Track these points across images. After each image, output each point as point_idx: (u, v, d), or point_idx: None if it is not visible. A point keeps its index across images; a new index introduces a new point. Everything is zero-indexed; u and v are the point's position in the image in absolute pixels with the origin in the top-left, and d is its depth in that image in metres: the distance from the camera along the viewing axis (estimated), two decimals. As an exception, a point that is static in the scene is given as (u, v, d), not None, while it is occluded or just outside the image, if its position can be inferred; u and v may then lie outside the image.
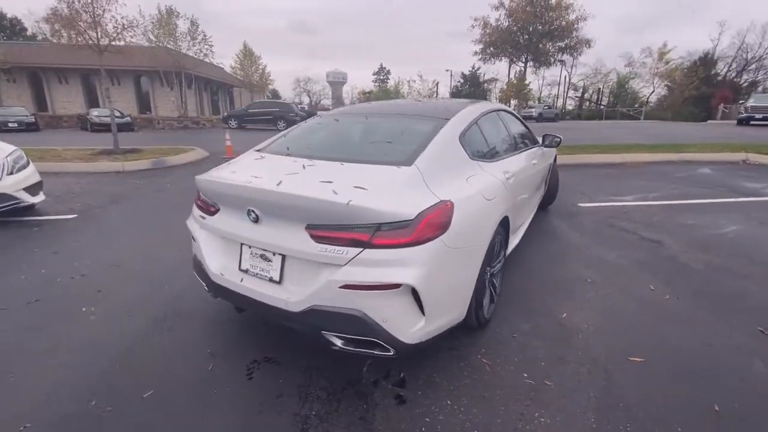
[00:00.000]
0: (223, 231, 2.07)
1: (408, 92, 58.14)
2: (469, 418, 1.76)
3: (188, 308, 2.68)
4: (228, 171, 2.20)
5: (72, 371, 2.06)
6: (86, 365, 2.11)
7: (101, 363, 2.12)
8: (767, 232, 4.27)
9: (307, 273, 1.79)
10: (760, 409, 1.82)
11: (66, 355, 2.20)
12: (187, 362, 2.14)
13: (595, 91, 42.07)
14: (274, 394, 1.91)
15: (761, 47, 40.95)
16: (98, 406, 1.82)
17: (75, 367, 2.09)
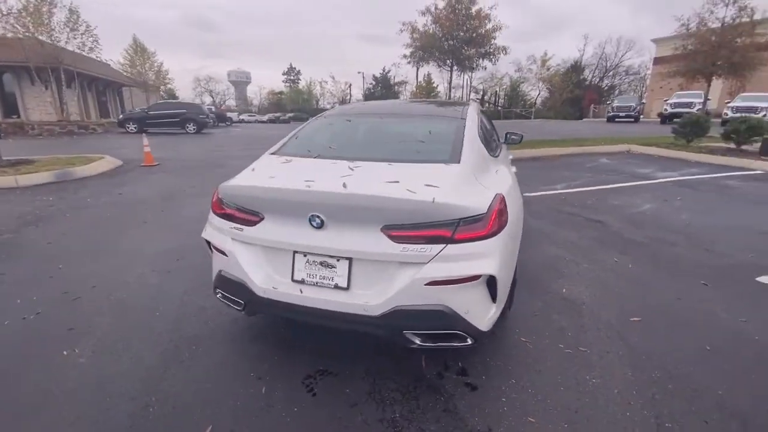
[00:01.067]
0: (270, 241, 1.91)
1: (320, 93, 57.63)
2: (537, 391, 1.92)
3: (198, 332, 2.39)
4: (265, 176, 2.03)
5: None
6: (111, 421, 1.77)
7: (125, 414, 1.80)
8: (671, 207, 5.29)
9: (382, 275, 1.76)
10: (737, 345, 2.30)
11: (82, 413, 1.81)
12: (236, 390, 1.92)
13: (492, 93, 46.64)
14: (348, 404, 1.84)
15: (617, 57, 49.68)
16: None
17: (92, 420, 1.75)
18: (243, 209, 1.96)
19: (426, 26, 9.99)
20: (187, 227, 4.41)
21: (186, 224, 4.52)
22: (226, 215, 2.03)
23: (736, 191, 6.25)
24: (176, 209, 5.22)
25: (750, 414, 1.77)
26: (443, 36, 9.60)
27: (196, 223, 4.49)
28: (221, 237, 2.05)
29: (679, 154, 9.55)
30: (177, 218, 4.81)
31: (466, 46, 9.89)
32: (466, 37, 9.47)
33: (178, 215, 4.94)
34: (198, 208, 5.21)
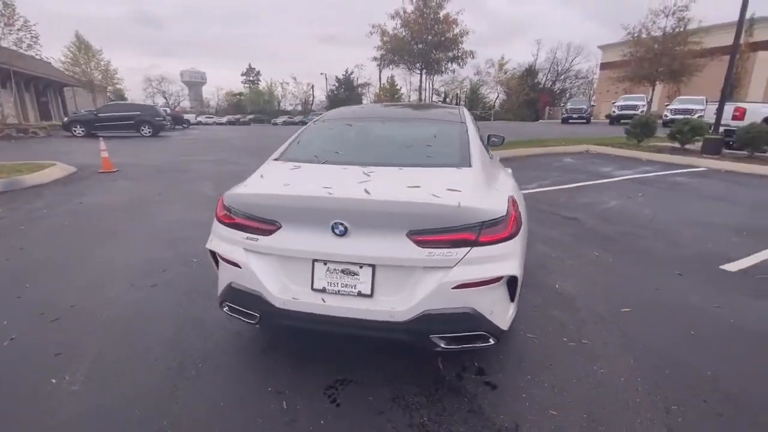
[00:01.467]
0: (288, 250, 1.85)
1: (282, 94, 56.46)
2: (553, 385, 1.99)
3: (201, 348, 2.27)
4: (279, 184, 1.97)
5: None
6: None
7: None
8: (635, 203, 5.69)
9: (407, 280, 1.76)
10: (716, 329, 2.52)
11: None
12: (255, 407, 1.84)
13: (454, 96, 47.83)
14: (374, 412, 1.82)
15: (567, 62, 52.63)
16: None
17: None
18: (258, 218, 1.88)
19: (396, 29, 10.11)
20: (165, 237, 4.17)
21: (163, 234, 4.27)
22: (238, 225, 1.94)
23: (686, 187, 6.83)
24: (148, 218, 4.91)
25: (740, 393, 1.94)
26: (413, 39, 9.73)
27: (174, 232, 4.26)
28: (231, 248, 1.96)
29: (632, 153, 10.28)
30: (151, 228, 4.53)
31: (435, 50, 10.09)
32: (434, 41, 9.65)
33: (151, 224, 4.65)
34: (172, 216, 4.94)
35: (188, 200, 5.84)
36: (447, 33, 9.08)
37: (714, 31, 16.67)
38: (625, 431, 1.71)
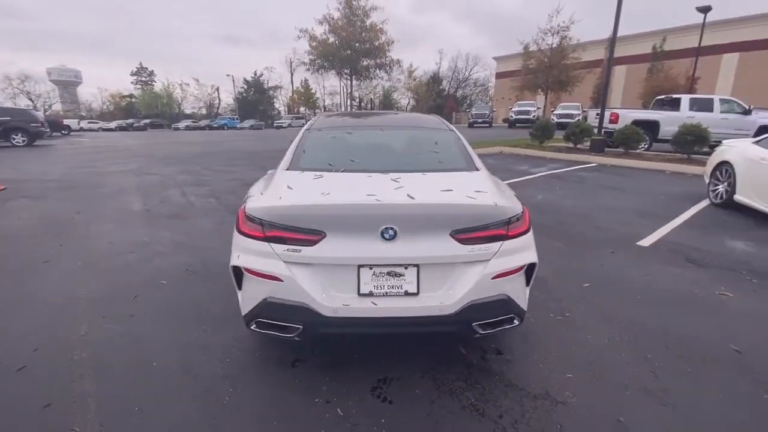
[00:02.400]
0: (333, 258, 1.87)
1: (182, 96, 51.69)
2: (559, 354, 2.34)
3: (223, 372, 2.14)
4: (317, 193, 1.97)
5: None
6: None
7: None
8: (556, 195, 6.62)
9: (449, 276, 1.93)
10: (654, 293, 3.16)
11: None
12: (312, 419, 1.83)
13: (368, 101, 48.98)
14: (427, 402, 1.95)
15: (467, 70, 57.51)
16: None
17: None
18: (302, 229, 1.87)
19: (324, 35, 10.12)
20: (117, 261, 3.68)
21: (111, 258, 3.76)
22: (275, 238, 1.90)
23: (590, 180, 8.13)
24: (80, 242, 4.25)
25: (696, 342, 2.51)
26: (341, 46, 9.86)
27: (124, 256, 3.78)
28: (268, 261, 1.91)
29: (538, 152, 11.82)
30: (92, 252, 3.93)
31: (364, 57, 10.36)
32: (363, 48, 9.90)
33: (89, 249, 4.04)
34: (109, 237, 4.35)
35: (120, 218, 5.16)
36: (374, 41, 9.38)
37: (589, 47, 20.20)
38: (625, 378, 2.12)
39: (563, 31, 15.54)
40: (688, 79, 26.52)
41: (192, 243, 4.19)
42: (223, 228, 4.72)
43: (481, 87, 59.98)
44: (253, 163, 10.90)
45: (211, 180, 8.02)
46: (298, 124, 41.27)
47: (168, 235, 4.45)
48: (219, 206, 5.81)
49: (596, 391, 2.04)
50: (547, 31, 15.86)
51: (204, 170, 9.46)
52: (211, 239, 4.32)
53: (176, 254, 3.86)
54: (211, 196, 6.46)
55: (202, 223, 4.96)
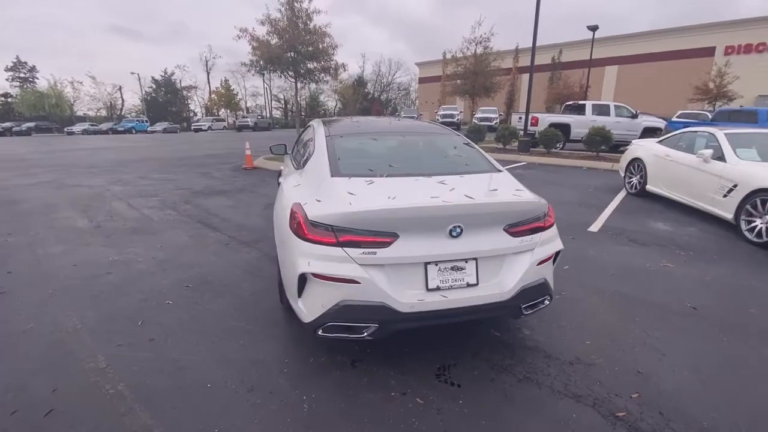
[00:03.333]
0: (406, 257, 2.00)
1: (75, 96, 45.17)
2: (572, 326, 2.74)
3: (285, 385, 2.13)
4: (384, 197, 2.06)
5: None
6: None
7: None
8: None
9: (501, 265, 2.18)
10: (622, 269, 3.78)
11: None
12: (400, 412, 1.94)
13: (294, 102, 47.82)
14: (488, 380, 2.18)
15: (390, 75, 59.24)
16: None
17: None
18: (377, 232, 1.97)
19: (268, 35, 9.68)
20: (96, 285, 3.31)
21: (86, 282, 3.35)
22: (350, 242, 1.97)
23: (528, 177, 9.09)
24: (33, 267, 3.67)
25: (664, 304, 3.11)
26: (283, 47, 9.59)
27: (102, 278, 3.40)
28: (343, 266, 1.97)
29: (475, 153, 12.80)
30: (55, 277, 3.44)
31: (309, 61, 10.22)
32: (308, 51, 9.76)
33: (50, 273, 3.52)
34: (72, 259, 3.83)
35: (67, 238, 4.52)
36: (319, 44, 9.27)
37: (506, 56, 22.52)
38: (628, 338, 2.58)
39: (485, 42, 17.04)
40: (581, 87, 30.69)
41: (176, 259, 3.88)
42: (202, 241, 4.43)
43: (404, 91, 62.21)
44: (192, 169, 10.13)
45: (156, 190, 7.32)
46: (219, 126, 38.75)
47: (142, 251, 4.05)
48: (183, 218, 5.38)
49: (613, 351, 2.46)
50: (471, 41, 17.25)
51: (140, 179, 8.56)
52: (197, 253, 4.05)
53: (165, 272, 3.56)
54: (166, 208, 5.93)
55: (174, 237, 4.59)
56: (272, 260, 3.83)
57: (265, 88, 45.72)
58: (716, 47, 29.91)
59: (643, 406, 2.00)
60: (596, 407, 1.99)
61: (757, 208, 4.54)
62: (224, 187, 7.60)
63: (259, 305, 2.98)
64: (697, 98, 24.62)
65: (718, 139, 5.50)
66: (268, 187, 7.58)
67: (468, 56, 17.18)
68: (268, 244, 4.29)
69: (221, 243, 4.35)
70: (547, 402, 2.03)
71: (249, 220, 5.30)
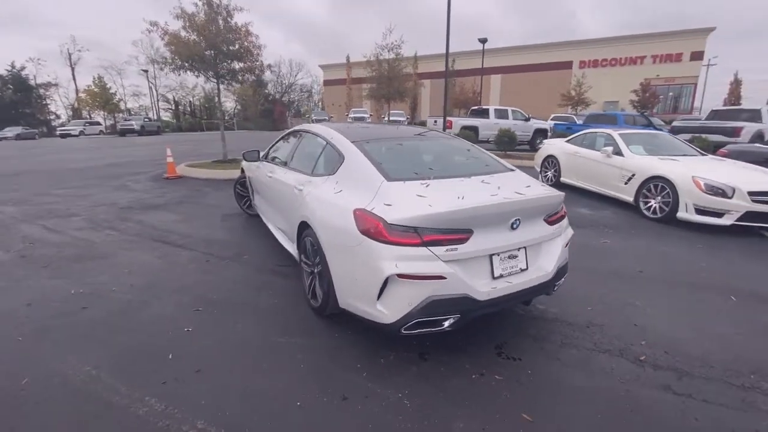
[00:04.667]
0: (479, 251, 2.22)
1: None
2: (575, 297, 3.27)
3: (353, 381, 2.18)
4: (453, 197, 2.24)
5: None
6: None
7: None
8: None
9: (540, 250, 2.55)
10: (583, 249, 4.54)
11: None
12: (488, 389, 2.15)
13: (186, 104, 43.41)
14: (539, 349, 2.53)
15: (292, 76, 57.70)
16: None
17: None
18: (457, 230, 2.15)
19: (183, 30, 8.52)
20: (78, 323, 2.80)
21: (61, 320, 2.80)
22: (434, 241, 2.12)
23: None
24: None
25: (623, 272, 3.86)
26: (205, 46, 8.64)
27: (77, 315, 3.08)
28: (430, 264, 2.11)
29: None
30: (14, 319, 2.77)
31: (233, 60, 9.37)
32: (230, 51, 8.94)
33: (3, 315, 2.82)
34: (20, 297, 3.12)
35: (9, 270, 3.62)
36: (243, 42, 8.47)
37: (407, 62, 24.11)
38: (616, 301, 3.19)
39: (396, 48, 17.91)
40: (474, 93, 34.20)
41: (160, 283, 3.44)
42: (175, 260, 3.97)
43: (306, 93, 61.31)
44: (101, 181, 8.63)
45: (69, 208, 6.13)
46: (94, 131, 33.17)
47: (108, 279, 3.48)
48: (132, 237, 4.69)
49: (609, 313, 3.02)
50: (384, 47, 17.97)
51: (38, 197, 7.04)
52: (180, 274, 3.63)
53: (157, 298, 3.15)
54: (101, 228, 5.07)
55: (137, 259, 4.01)
56: (276, 273, 3.67)
57: (151, 87, 40.59)
58: (573, 61, 36.19)
59: (653, 348, 2.56)
60: (624, 356, 2.49)
61: (651, 191, 5.84)
62: (156, 200, 6.75)
63: (288, 318, 2.88)
64: (564, 104, 29.46)
65: (615, 138, 6.88)
66: (212, 197, 6.97)
67: (381, 61, 17.82)
68: (255, 257, 4.06)
69: (200, 261, 3.97)
70: (590, 358, 2.46)
71: (214, 233, 4.87)
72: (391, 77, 17.75)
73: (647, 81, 29.83)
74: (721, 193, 5.08)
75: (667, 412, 2.03)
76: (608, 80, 33.56)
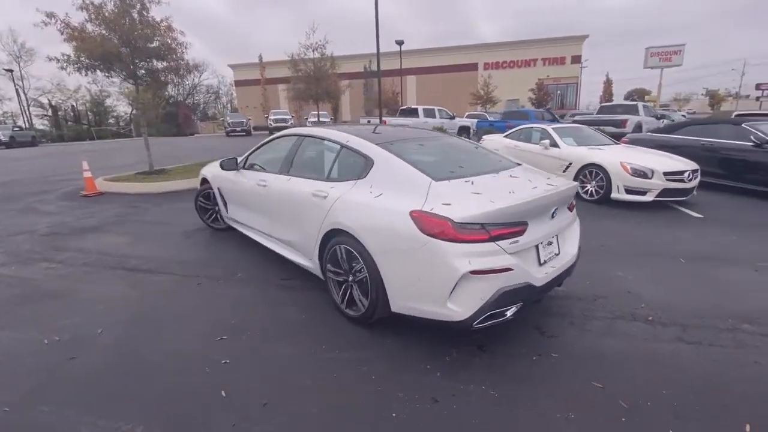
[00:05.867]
0: (532, 241, 2.37)
1: None
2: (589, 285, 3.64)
3: (427, 383, 2.20)
4: (505, 193, 2.36)
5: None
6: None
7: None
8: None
9: (565, 234, 2.81)
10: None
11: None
12: (548, 370, 2.32)
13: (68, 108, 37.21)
14: (569, 323, 2.79)
15: (195, 77, 52.99)
16: None
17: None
18: (516, 223, 2.27)
19: (91, 24, 7.03)
20: (80, 380, 2.32)
21: (60, 370, 2.27)
22: (499, 236, 2.22)
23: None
24: None
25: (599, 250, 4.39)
26: (119, 42, 7.34)
27: (70, 362, 2.68)
28: (499, 258, 2.21)
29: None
30: None
31: (152, 59, 8.14)
32: (148, 48, 7.75)
33: None
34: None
35: None
36: (164, 39, 7.29)
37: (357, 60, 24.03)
38: (600, 272, 3.64)
39: (320, 48, 17.60)
40: (394, 93, 35.24)
41: (153, 314, 2.97)
42: (155, 288, 3.47)
43: (213, 94, 57.10)
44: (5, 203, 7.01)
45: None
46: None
47: (82, 321, 2.91)
48: (81, 268, 3.94)
49: (605, 285, 3.44)
50: (308, 47, 17.53)
51: None
52: (174, 303, 3.18)
53: (164, 332, 2.74)
54: (31, 261, 4.16)
55: (104, 291, 3.39)
56: (284, 288, 3.44)
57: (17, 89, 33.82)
58: (479, 63, 39.40)
59: (653, 309, 2.99)
60: (636, 320, 2.87)
61: (587, 177, 6.71)
62: (86, 222, 5.74)
63: (324, 332, 2.73)
64: (474, 102, 31.94)
65: (549, 132, 7.72)
66: (155, 214, 6.16)
67: (306, 60, 17.39)
68: (250, 273, 3.75)
69: (187, 284, 3.52)
70: (611, 325, 2.79)
71: (185, 253, 4.34)
72: (319, 77, 17.44)
73: (541, 81, 33.87)
74: (643, 174, 6.05)
75: (690, 359, 2.41)
76: (508, 80, 37.19)
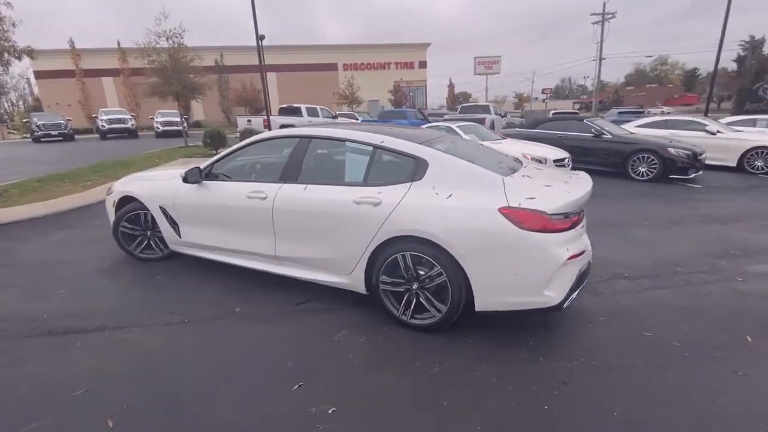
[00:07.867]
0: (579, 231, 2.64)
1: None
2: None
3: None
4: (563, 185, 2.59)
5: None
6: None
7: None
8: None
9: (583, 223, 3.24)
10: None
11: None
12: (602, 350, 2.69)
13: None
14: (578, 307, 3.26)
15: None
16: None
17: None
18: (579, 212, 2.53)
19: None
20: None
21: None
22: (576, 222, 2.46)
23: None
24: None
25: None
26: None
27: None
28: (579, 242, 2.48)
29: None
30: None
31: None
32: None
33: None
34: None
35: None
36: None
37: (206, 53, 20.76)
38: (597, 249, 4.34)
39: (176, 38, 15.10)
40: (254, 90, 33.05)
41: (175, 382, 2.20)
42: (126, 348, 2.56)
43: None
44: None
45: None
46: None
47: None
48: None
49: (603, 262, 4.09)
50: (161, 34, 14.83)
51: None
52: (184, 358, 2.41)
53: (219, 391, 2.07)
54: None
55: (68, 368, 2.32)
56: (309, 312, 3.02)
57: None
58: (338, 63, 40.14)
59: (640, 269, 3.71)
60: (632, 279, 3.52)
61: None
62: None
63: (392, 352, 2.51)
64: (340, 102, 32.37)
65: (455, 129, 8.56)
66: (33, 252, 4.42)
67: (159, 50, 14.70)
68: (250, 306, 3.14)
69: (179, 336, 2.70)
70: (628, 294, 3.28)
71: (129, 297, 3.29)
72: (177, 70, 14.96)
73: (397, 83, 36.73)
74: (541, 162, 7.33)
75: (686, 300, 3.12)
76: (367, 81, 38.99)
